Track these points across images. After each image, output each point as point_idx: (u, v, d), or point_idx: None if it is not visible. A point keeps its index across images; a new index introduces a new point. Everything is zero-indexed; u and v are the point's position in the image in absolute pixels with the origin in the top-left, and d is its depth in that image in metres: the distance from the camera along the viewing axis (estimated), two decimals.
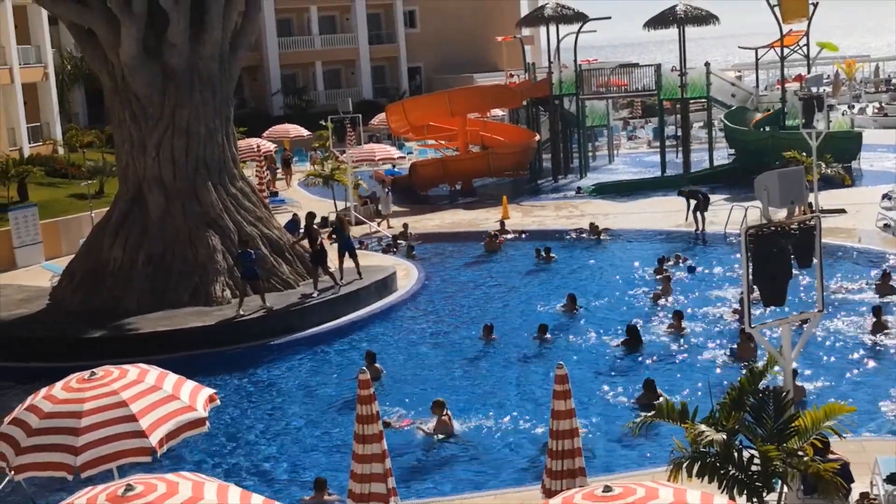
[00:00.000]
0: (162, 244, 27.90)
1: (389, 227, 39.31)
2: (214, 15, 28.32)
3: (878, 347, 22.45)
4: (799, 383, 19.45)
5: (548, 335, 24.31)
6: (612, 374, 21.94)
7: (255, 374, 23.68)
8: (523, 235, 36.11)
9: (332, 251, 28.71)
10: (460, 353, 24.08)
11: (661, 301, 26.84)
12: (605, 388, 20.86)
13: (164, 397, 12.32)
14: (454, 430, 18.73)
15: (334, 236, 29.32)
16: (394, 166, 50.51)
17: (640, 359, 22.73)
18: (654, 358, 22.74)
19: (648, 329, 24.60)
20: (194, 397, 12.66)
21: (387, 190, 41.54)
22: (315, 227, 28.62)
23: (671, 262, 30.26)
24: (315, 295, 27.26)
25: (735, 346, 22.15)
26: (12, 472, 11.98)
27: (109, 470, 11.86)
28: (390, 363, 23.11)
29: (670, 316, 24.80)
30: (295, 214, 36.74)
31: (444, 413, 18.77)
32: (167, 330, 25.23)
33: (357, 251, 29.62)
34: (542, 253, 32.48)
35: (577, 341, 24.14)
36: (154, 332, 25.17)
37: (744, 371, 18.66)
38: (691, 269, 29.75)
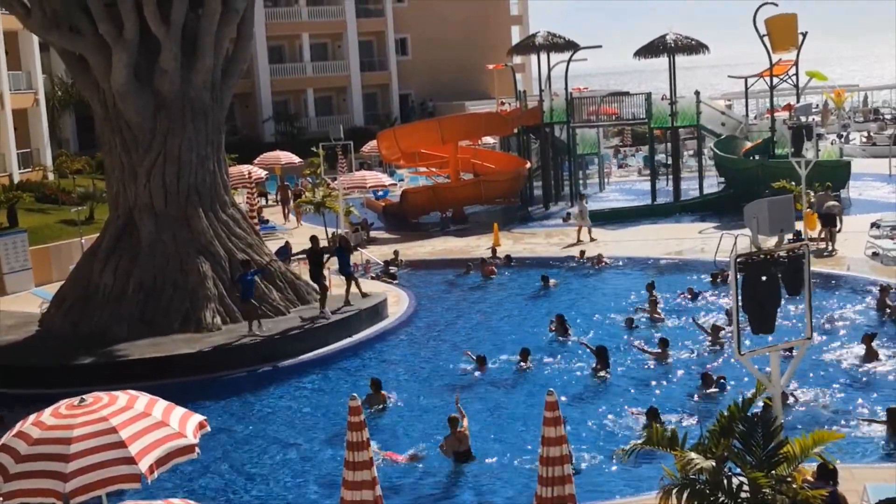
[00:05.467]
0: (152, 271, 27.89)
1: (592, 238, 39.23)
2: (206, 42, 28.43)
3: (867, 374, 22.51)
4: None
5: (529, 362, 24.32)
6: (596, 399, 21.99)
7: (245, 400, 23.64)
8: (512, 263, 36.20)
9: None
10: (452, 381, 24.04)
11: (634, 326, 27.19)
12: (596, 414, 20.89)
13: (153, 424, 12.28)
14: (468, 445, 18.85)
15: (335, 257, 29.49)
16: (378, 192, 50.37)
17: (624, 385, 22.79)
18: (634, 380, 22.91)
19: (632, 354, 24.73)
20: (184, 424, 12.63)
21: (586, 202, 41.34)
22: (318, 250, 28.59)
23: (684, 296, 30.20)
24: (329, 316, 27.39)
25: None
26: (0, 499, 11.93)
27: (98, 497, 11.82)
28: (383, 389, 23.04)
29: (656, 342, 24.94)
30: (287, 241, 36.74)
31: (459, 429, 18.85)
32: (157, 356, 25.19)
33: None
34: (546, 280, 32.59)
35: (565, 367, 24.19)
36: (144, 358, 25.13)
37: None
38: (694, 296, 29.79)
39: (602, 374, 23.35)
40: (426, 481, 18.30)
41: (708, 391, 21.56)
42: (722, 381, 21.78)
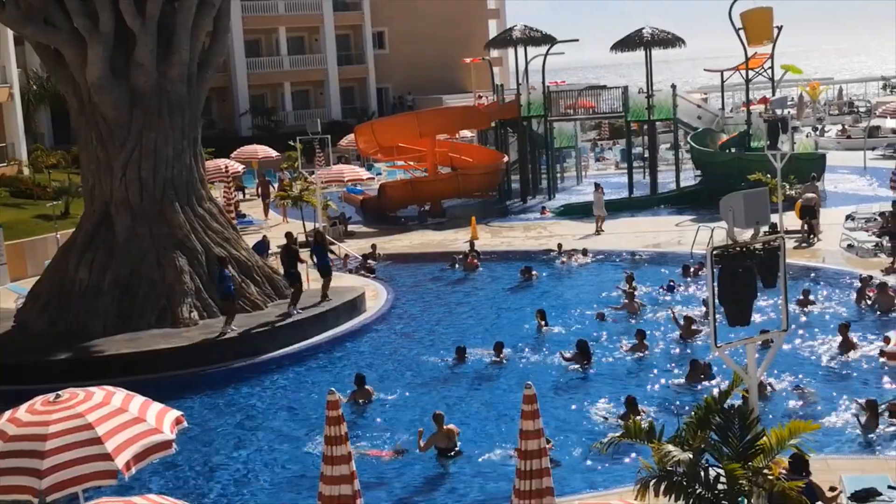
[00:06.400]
0: (129, 266, 27.76)
1: (602, 230, 39.22)
2: (182, 36, 28.30)
3: (843, 365, 22.63)
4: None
5: (504, 355, 24.39)
6: (575, 391, 22.05)
7: (222, 396, 23.57)
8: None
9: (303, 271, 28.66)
10: (431, 375, 24.04)
11: (609, 320, 27.35)
12: (571, 406, 20.95)
13: (130, 420, 12.25)
14: (456, 442, 18.84)
15: (313, 254, 29.45)
16: (355, 185, 50.30)
17: (602, 377, 22.87)
18: (615, 373, 22.99)
19: (610, 347, 24.83)
20: (161, 420, 12.61)
21: (602, 192, 41.29)
22: (294, 246, 28.48)
23: (662, 289, 30.21)
24: (294, 313, 27.28)
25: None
26: None
27: (75, 493, 11.78)
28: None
29: (633, 334, 25.01)
30: (264, 236, 36.67)
31: (445, 426, 18.84)
32: (133, 352, 25.08)
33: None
34: (526, 272, 32.67)
35: (545, 360, 24.25)
36: (120, 353, 25.02)
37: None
38: (670, 289, 29.89)
39: (583, 367, 23.43)
40: (408, 476, 18.30)
41: (695, 379, 21.54)
42: (709, 369, 21.80)
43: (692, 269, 31.38)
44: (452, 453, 18.76)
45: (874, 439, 18.35)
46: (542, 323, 26.82)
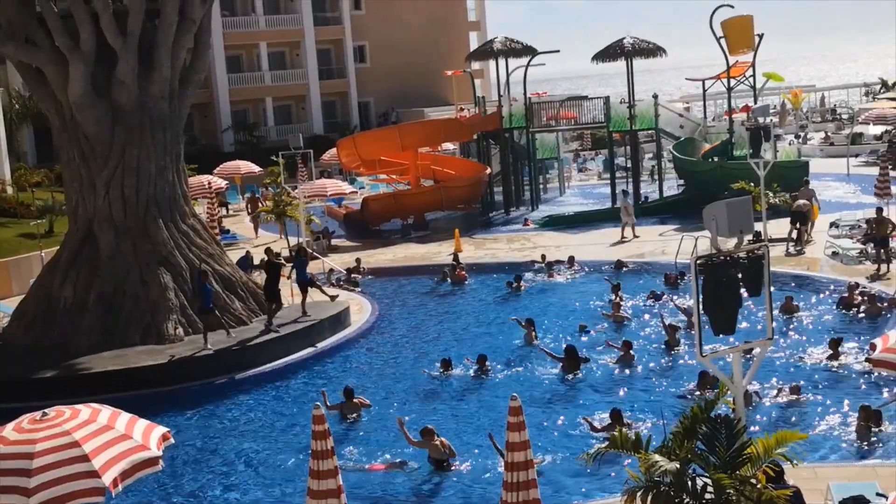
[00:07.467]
0: (113, 283, 27.71)
1: (636, 235, 39.29)
2: (163, 53, 28.30)
3: (830, 374, 22.67)
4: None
5: (487, 366, 24.42)
6: (561, 402, 22.07)
7: (208, 411, 23.52)
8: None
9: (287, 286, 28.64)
10: (417, 387, 24.04)
11: (592, 330, 27.35)
12: (560, 417, 20.96)
13: (116, 437, 12.24)
14: (448, 454, 18.81)
15: (294, 267, 29.41)
16: (338, 199, 50.30)
17: (589, 387, 22.90)
18: (600, 381, 23.07)
19: (596, 358, 24.82)
20: (147, 436, 12.59)
21: (629, 198, 41.25)
22: (277, 262, 28.43)
23: (652, 300, 30.24)
24: (272, 329, 27.22)
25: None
26: None
27: None
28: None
29: (620, 344, 25.04)
30: (248, 251, 36.61)
31: (435, 439, 18.80)
32: (119, 369, 25.00)
33: (310, 288, 29.54)
34: (514, 283, 32.72)
35: (532, 370, 24.25)
36: (106, 371, 24.94)
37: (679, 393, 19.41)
38: (657, 297, 29.90)
39: (571, 375, 23.48)
40: (394, 488, 18.28)
41: (702, 391, 21.39)
42: (716, 380, 21.69)
43: (672, 278, 31.49)
44: (446, 465, 18.72)
45: (862, 447, 18.40)
46: (532, 334, 26.80)
